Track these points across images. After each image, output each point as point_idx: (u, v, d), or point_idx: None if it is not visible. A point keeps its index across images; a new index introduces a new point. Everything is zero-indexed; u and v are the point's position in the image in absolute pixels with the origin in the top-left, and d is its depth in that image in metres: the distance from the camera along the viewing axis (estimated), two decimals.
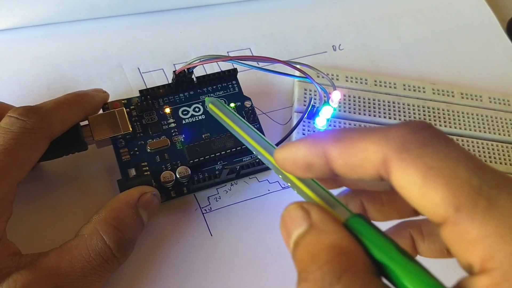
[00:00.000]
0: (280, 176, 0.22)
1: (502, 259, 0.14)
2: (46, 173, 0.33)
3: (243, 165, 0.32)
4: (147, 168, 0.31)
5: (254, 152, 0.25)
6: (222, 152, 0.32)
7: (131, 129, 0.31)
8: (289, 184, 0.21)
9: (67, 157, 0.31)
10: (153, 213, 0.30)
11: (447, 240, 0.15)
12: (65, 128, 0.29)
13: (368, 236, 0.17)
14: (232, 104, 0.35)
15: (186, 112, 0.34)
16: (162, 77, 0.39)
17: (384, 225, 0.23)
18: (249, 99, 0.35)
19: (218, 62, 0.39)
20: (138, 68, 0.39)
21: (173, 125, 0.33)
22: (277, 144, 0.33)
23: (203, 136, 0.33)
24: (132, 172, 0.31)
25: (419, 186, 0.15)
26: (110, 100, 0.33)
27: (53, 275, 0.25)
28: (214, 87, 0.35)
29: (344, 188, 0.23)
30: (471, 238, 0.14)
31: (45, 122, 0.28)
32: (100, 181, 0.33)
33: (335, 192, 0.22)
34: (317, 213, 0.18)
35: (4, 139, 0.26)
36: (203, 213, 0.33)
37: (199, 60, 0.31)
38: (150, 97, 0.33)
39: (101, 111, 0.32)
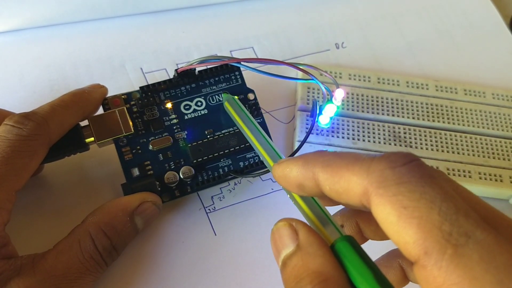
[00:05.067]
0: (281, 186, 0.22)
1: None
2: (49, 175, 0.33)
3: (248, 167, 0.32)
4: (150, 167, 0.31)
5: (260, 158, 0.26)
6: (226, 151, 0.32)
7: (132, 130, 0.31)
8: (288, 196, 0.22)
9: (69, 158, 0.31)
10: (151, 221, 0.31)
11: (418, 279, 0.16)
12: (64, 131, 0.29)
13: (351, 262, 0.17)
14: (235, 97, 0.34)
15: (188, 107, 0.33)
16: (165, 77, 0.38)
17: (377, 251, 0.23)
18: (252, 91, 0.34)
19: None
20: (141, 68, 0.39)
21: (175, 121, 0.33)
22: (292, 154, 0.33)
23: (206, 132, 0.33)
24: (135, 171, 0.31)
25: (394, 223, 0.16)
26: (109, 94, 0.32)
27: (52, 276, 0.25)
28: (217, 79, 0.34)
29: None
30: (437, 283, 0.15)
31: (42, 128, 0.27)
32: (103, 181, 0.33)
33: (334, 208, 0.22)
34: (305, 234, 0.18)
35: (0, 147, 0.26)
36: (207, 213, 0.33)
37: (199, 62, 0.31)
38: (151, 92, 0.32)
39: (101, 109, 0.32)
